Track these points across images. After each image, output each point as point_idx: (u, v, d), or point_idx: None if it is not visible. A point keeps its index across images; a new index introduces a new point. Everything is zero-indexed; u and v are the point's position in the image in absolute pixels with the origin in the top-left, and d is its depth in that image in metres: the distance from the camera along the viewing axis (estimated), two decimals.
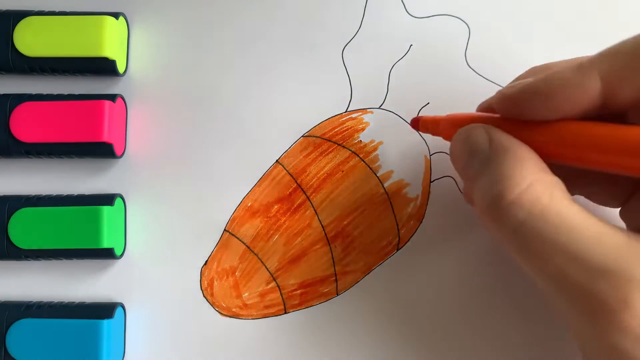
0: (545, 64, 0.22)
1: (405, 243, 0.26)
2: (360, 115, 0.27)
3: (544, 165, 0.18)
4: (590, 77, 0.18)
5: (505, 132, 0.19)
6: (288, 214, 0.27)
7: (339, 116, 0.27)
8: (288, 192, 0.27)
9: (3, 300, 0.26)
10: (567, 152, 0.18)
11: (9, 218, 0.25)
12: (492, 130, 0.20)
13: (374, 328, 0.26)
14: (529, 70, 0.22)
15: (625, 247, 0.16)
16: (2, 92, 0.26)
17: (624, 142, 0.17)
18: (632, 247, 0.16)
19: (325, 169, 0.27)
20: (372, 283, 0.26)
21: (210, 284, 0.26)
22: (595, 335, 0.16)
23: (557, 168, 0.19)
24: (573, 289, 0.17)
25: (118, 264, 0.26)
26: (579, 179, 0.22)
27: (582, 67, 0.18)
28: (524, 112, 0.19)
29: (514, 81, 0.22)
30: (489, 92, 0.27)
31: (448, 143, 0.27)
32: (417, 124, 0.25)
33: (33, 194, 0.26)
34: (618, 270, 0.16)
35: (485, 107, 0.23)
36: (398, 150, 0.27)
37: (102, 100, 0.25)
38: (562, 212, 0.17)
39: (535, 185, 0.18)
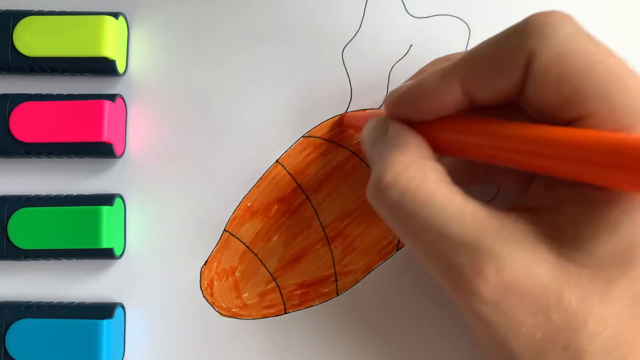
0: (432, 61, 0.24)
1: None
2: None
3: (426, 152, 0.20)
4: (451, 83, 0.19)
5: (402, 124, 0.21)
6: (288, 214, 0.27)
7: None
8: (288, 192, 0.27)
9: (3, 300, 0.26)
10: (447, 145, 0.20)
11: (8, 218, 0.25)
12: (390, 122, 0.21)
13: (374, 328, 0.26)
14: (424, 66, 0.24)
15: (483, 222, 0.18)
16: (2, 92, 0.26)
17: (494, 135, 0.18)
18: (489, 222, 0.18)
19: (325, 169, 0.27)
20: (372, 283, 0.26)
21: (210, 284, 0.26)
22: (461, 303, 0.18)
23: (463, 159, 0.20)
24: (440, 262, 0.18)
25: (118, 264, 0.26)
26: (480, 169, 0.23)
27: (445, 73, 0.19)
28: (405, 114, 0.20)
29: (410, 78, 0.24)
30: None
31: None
32: (342, 120, 0.26)
33: (33, 194, 0.26)
34: (474, 243, 0.17)
35: None
36: None
37: (102, 100, 0.25)
38: (431, 192, 0.18)
39: (409, 169, 0.19)
